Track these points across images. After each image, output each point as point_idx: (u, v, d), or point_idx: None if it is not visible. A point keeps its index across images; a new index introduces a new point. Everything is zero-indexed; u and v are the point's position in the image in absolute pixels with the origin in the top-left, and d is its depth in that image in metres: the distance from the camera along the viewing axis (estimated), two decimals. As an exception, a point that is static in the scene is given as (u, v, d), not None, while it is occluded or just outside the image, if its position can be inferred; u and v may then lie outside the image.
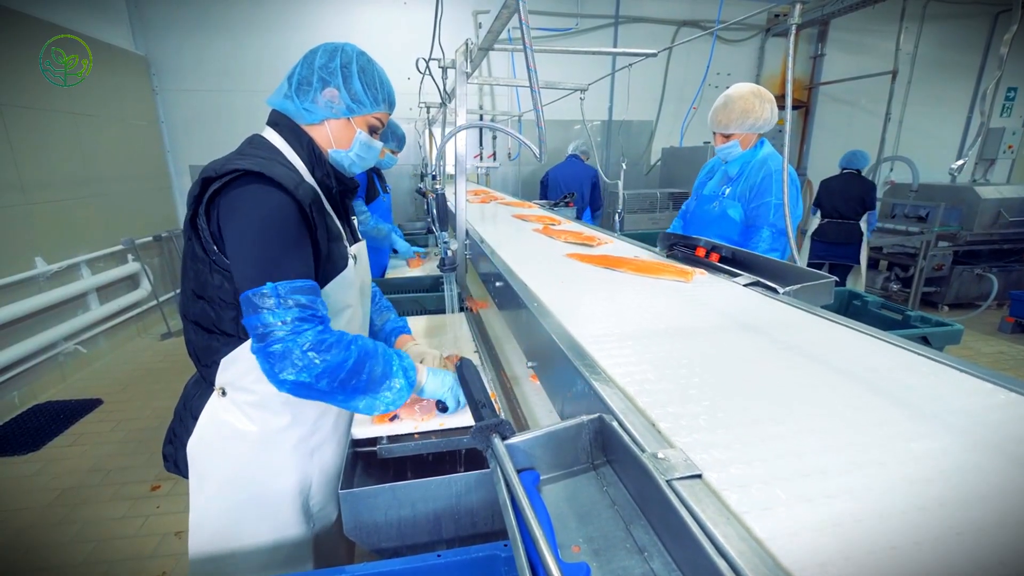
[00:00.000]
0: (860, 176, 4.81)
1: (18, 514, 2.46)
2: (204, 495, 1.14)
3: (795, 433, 0.67)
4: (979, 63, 7.35)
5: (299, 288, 0.93)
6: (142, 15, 5.32)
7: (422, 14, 5.83)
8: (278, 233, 0.96)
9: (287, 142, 1.11)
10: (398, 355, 1.07)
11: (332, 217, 1.15)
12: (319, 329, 0.93)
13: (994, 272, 5.37)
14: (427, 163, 4.78)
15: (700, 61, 6.60)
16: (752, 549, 0.46)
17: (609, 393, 0.76)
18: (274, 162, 1.01)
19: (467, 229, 1.89)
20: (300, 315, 0.92)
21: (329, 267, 1.10)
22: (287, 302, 0.91)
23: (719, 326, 1.08)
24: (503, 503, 0.61)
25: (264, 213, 0.95)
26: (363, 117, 1.14)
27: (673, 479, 0.56)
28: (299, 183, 1.00)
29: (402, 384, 1.03)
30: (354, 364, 0.95)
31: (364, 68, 1.11)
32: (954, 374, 0.84)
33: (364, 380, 0.98)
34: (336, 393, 0.96)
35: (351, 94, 1.09)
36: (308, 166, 1.11)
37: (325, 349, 0.92)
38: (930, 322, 2.35)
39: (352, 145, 1.15)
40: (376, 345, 1.04)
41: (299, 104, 1.09)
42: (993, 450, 0.63)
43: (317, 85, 1.08)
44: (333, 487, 1.24)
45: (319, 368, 0.91)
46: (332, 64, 1.08)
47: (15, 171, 3.61)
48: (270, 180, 0.96)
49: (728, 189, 2.26)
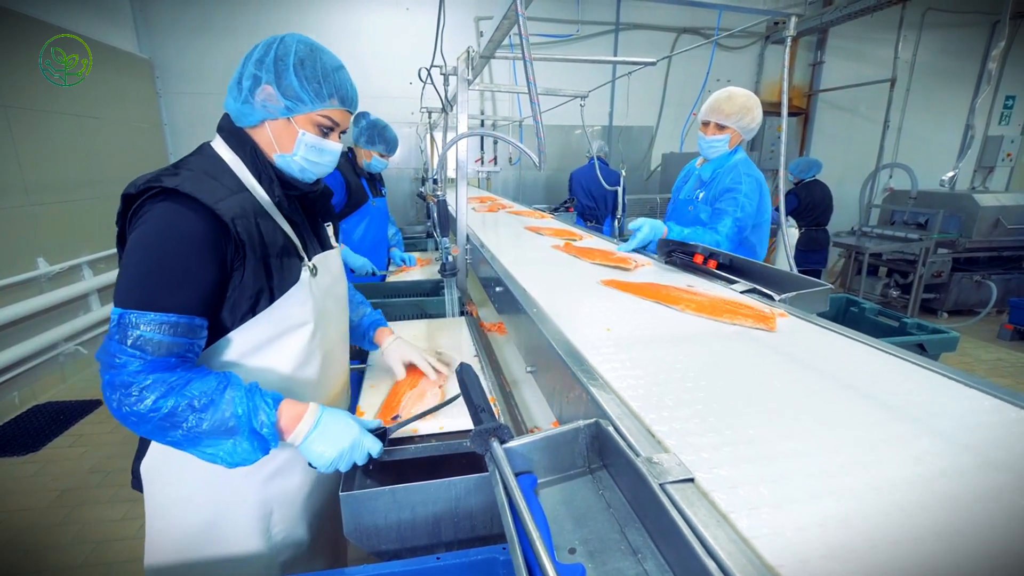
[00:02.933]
0: (819, 182, 4.95)
1: (18, 515, 2.47)
2: (157, 521, 1.09)
3: (785, 437, 0.68)
4: (977, 71, 7.39)
5: (147, 321, 0.85)
6: (147, 18, 5.36)
7: (425, 19, 5.87)
8: (159, 257, 0.88)
9: (231, 149, 1.02)
10: (254, 411, 0.90)
11: (281, 228, 1.03)
12: (137, 370, 0.85)
13: (993, 279, 5.39)
14: (428, 167, 4.80)
15: (700, 67, 6.64)
16: (741, 550, 0.48)
17: (605, 398, 0.78)
18: (203, 174, 0.94)
19: (468, 234, 1.91)
20: (128, 352, 0.85)
21: (274, 283, 1.00)
22: (131, 333, 0.85)
23: (715, 332, 1.10)
24: (501, 506, 0.63)
25: (157, 234, 0.88)
26: (306, 116, 1.01)
27: (666, 483, 0.58)
28: (224, 198, 0.92)
29: (246, 446, 0.90)
30: (165, 416, 0.85)
31: (304, 60, 0.98)
32: (942, 380, 0.86)
33: (184, 435, 0.87)
34: (155, 439, 0.90)
35: (286, 91, 0.97)
36: (254, 174, 1.02)
37: (136, 394, 0.84)
38: (927, 329, 2.36)
39: (295, 148, 1.03)
40: (220, 396, 0.88)
41: (237, 105, 1.00)
42: (974, 455, 0.64)
43: (250, 83, 0.98)
44: (299, 512, 1.17)
45: (125, 412, 0.86)
46: (267, 58, 0.97)
47: (19, 172, 3.64)
48: (185, 197, 0.88)
49: (701, 193, 2.29)
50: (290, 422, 0.94)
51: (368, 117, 2.78)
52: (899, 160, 6.73)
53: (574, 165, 5.86)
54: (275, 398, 0.94)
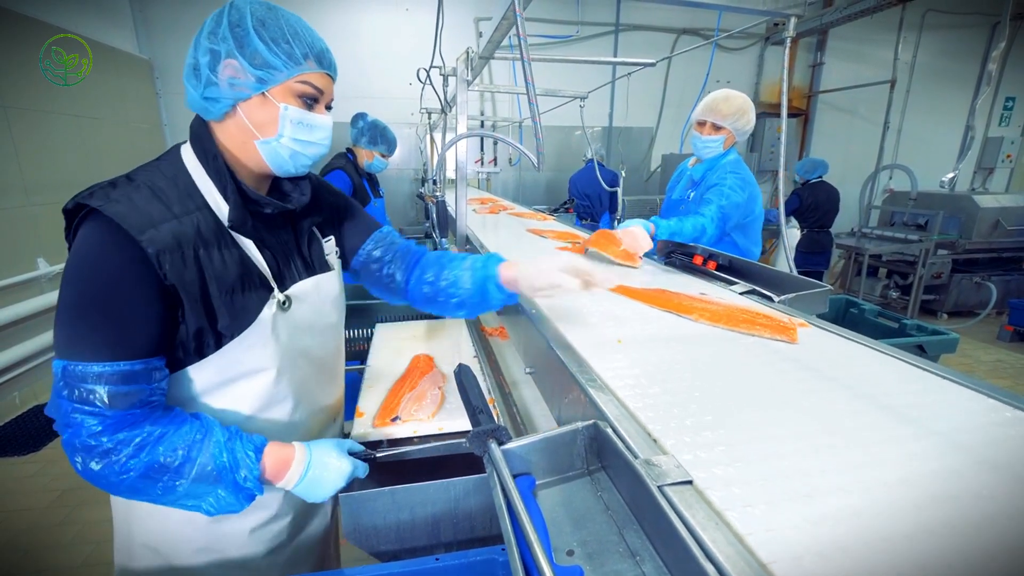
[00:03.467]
0: (824, 183, 4.92)
1: (18, 515, 2.47)
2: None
3: (781, 437, 0.69)
4: (977, 72, 7.40)
5: (93, 375, 0.74)
6: (146, 19, 5.36)
7: (424, 19, 5.87)
8: (90, 295, 0.76)
9: (196, 155, 0.89)
10: (235, 463, 0.82)
11: (245, 256, 0.88)
12: (97, 430, 0.75)
13: (993, 280, 5.40)
14: (428, 168, 4.81)
15: (700, 68, 6.65)
16: (738, 552, 0.48)
17: (604, 400, 0.78)
18: (145, 191, 0.81)
19: (468, 235, 1.91)
20: (84, 411, 0.74)
21: (221, 324, 0.84)
22: (76, 390, 0.74)
23: (713, 333, 1.10)
24: (499, 507, 0.63)
25: (82, 266, 0.77)
26: (283, 85, 0.84)
27: (664, 485, 0.58)
28: (159, 223, 0.78)
29: (227, 499, 0.82)
30: (138, 477, 0.77)
31: (264, 20, 0.82)
32: (939, 381, 0.86)
33: (161, 491, 0.79)
34: (130, 496, 0.81)
35: (252, 58, 0.81)
36: (219, 188, 0.87)
37: (100, 457, 0.76)
38: (926, 331, 2.36)
39: (280, 128, 0.85)
40: (199, 448, 0.80)
41: (198, 95, 0.84)
42: (969, 454, 0.65)
43: (208, 60, 0.82)
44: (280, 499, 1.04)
45: (93, 473, 0.77)
46: (219, 28, 0.82)
47: (18, 173, 3.64)
48: (107, 220, 0.76)
49: (692, 193, 2.30)
50: (277, 470, 0.87)
51: (366, 118, 2.79)
52: (899, 161, 6.73)
53: (573, 166, 5.88)
54: (257, 447, 0.85)
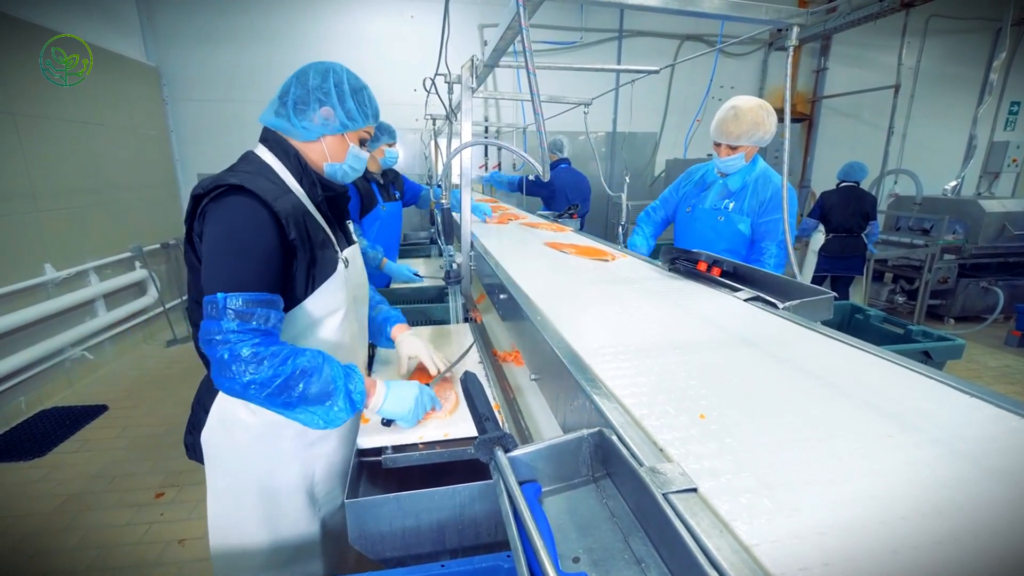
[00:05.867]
0: (859, 188, 4.81)
1: (23, 520, 2.48)
2: (219, 482, 1.25)
3: (786, 445, 0.68)
4: (982, 77, 7.38)
5: (248, 300, 0.98)
6: (154, 26, 5.42)
7: (429, 26, 5.91)
8: (241, 244, 1.02)
9: (276, 157, 1.19)
10: (348, 377, 1.08)
11: (320, 224, 1.21)
12: (255, 342, 0.97)
13: (1000, 285, 5.36)
14: (432, 174, 4.83)
15: (704, 74, 6.66)
16: (743, 560, 0.48)
17: (609, 407, 0.78)
18: (258, 176, 1.09)
19: (472, 242, 1.92)
20: (240, 327, 0.97)
21: (316, 271, 1.16)
22: (230, 313, 0.96)
23: (718, 340, 1.10)
24: (505, 514, 0.63)
25: (234, 224, 1.02)
26: (356, 132, 1.25)
27: (669, 492, 0.58)
28: (280, 195, 1.07)
29: (342, 406, 1.05)
30: (284, 381, 0.98)
31: (356, 88, 1.21)
32: (944, 389, 0.86)
33: (297, 397, 1.00)
34: (268, 404, 1.00)
35: (346, 112, 1.19)
36: (296, 178, 1.19)
37: (256, 362, 0.96)
38: (932, 337, 2.35)
39: (346, 158, 1.26)
40: (323, 365, 1.05)
41: (296, 123, 1.18)
42: (974, 464, 0.64)
43: (314, 105, 1.17)
44: (336, 474, 1.33)
45: (247, 380, 0.96)
46: (326, 85, 1.17)
47: (27, 179, 3.67)
48: (249, 192, 1.03)
49: (732, 203, 2.26)
50: (370, 389, 1.12)
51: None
52: (904, 166, 6.72)
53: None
54: (357, 370, 1.11)
